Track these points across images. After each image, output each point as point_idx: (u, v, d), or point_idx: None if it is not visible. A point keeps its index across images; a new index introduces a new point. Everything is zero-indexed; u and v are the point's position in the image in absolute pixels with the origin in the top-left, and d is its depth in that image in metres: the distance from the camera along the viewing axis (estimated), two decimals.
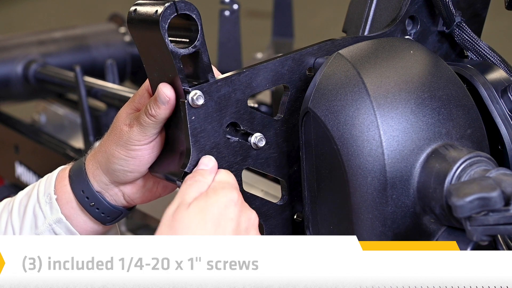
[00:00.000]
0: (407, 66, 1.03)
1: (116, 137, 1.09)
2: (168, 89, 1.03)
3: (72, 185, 1.14)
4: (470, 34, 1.15)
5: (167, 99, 1.03)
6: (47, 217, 1.14)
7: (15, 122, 2.04)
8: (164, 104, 1.03)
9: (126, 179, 1.12)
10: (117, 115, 1.12)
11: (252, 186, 1.33)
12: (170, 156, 1.07)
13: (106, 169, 1.12)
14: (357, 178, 0.98)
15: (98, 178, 1.13)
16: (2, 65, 1.97)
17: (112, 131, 1.11)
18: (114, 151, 1.09)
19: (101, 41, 2.11)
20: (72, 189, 1.14)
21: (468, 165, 0.96)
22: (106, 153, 1.11)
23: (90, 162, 1.13)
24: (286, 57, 1.07)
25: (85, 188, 1.13)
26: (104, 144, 1.12)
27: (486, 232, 0.87)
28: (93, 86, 1.73)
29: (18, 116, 2.10)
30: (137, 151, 1.08)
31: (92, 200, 1.13)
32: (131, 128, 1.08)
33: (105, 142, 1.12)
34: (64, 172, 1.16)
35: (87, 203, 1.13)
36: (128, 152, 1.09)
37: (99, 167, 1.12)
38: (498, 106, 1.09)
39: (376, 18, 1.15)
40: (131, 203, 1.16)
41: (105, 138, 1.12)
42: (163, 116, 1.05)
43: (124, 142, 1.08)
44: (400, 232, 0.99)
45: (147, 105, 1.06)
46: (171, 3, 0.97)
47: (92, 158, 1.13)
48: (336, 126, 1.00)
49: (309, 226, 1.07)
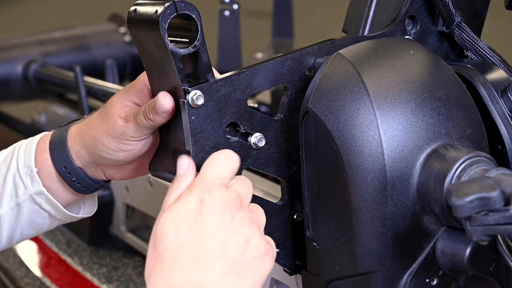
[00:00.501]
0: (407, 66, 1.03)
1: (109, 127, 1.09)
2: (167, 99, 1.02)
3: (54, 160, 1.14)
4: (470, 34, 1.15)
5: (164, 110, 1.03)
6: (28, 188, 1.15)
7: (15, 122, 2.04)
8: (162, 114, 1.03)
9: (112, 164, 1.13)
10: (110, 102, 1.11)
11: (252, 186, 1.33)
12: (169, 155, 1.07)
13: (92, 153, 1.12)
14: (357, 178, 0.98)
15: (81, 157, 1.13)
16: (2, 65, 1.97)
17: (104, 118, 1.10)
18: (105, 140, 1.10)
19: (101, 41, 2.11)
20: (53, 163, 1.15)
21: (468, 165, 0.96)
22: (95, 139, 1.11)
23: (75, 141, 1.14)
24: (286, 57, 1.07)
25: (67, 164, 1.14)
26: (94, 129, 1.11)
27: (486, 232, 0.87)
28: (93, 86, 1.73)
29: (18, 116, 2.10)
30: (129, 145, 1.09)
31: (73, 175, 1.14)
32: (127, 124, 1.08)
33: (95, 127, 1.11)
34: (44, 144, 1.16)
35: (69, 178, 1.15)
36: (120, 145, 1.09)
37: (85, 148, 1.13)
38: (498, 106, 1.09)
39: (376, 18, 1.15)
40: (111, 178, 1.17)
41: (94, 122, 1.12)
42: (161, 122, 1.05)
43: (118, 135, 1.09)
44: (400, 232, 0.99)
45: (146, 108, 1.06)
46: (171, 3, 0.97)
47: (78, 137, 1.13)
48: (336, 126, 1.00)
49: (309, 226, 1.07)
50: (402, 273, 1.01)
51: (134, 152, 1.10)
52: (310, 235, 1.07)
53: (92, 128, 1.12)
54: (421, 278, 1.01)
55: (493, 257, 1.00)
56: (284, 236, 1.11)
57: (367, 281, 1.01)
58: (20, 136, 1.91)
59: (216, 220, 0.91)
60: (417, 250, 1.00)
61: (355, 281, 1.02)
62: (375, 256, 0.99)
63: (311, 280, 1.09)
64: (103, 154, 1.11)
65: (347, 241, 1.01)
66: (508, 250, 0.92)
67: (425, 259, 1.01)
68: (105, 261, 1.66)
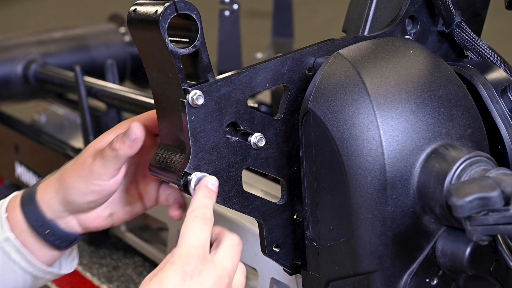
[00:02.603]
0: (407, 66, 1.03)
1: (78, 168, 1.08)
2: (139, 128, 1.03)
3: (25, 214, 1.11)
4: (470, 34, 1.15)
5: (134, 137, 1.03)
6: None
7: (15, 122, 2.03)
8: (130, 141, 1.03)
9: (82, 209, 1.11)
10: (88, 146, 1.11)
11: (252, 186, 1.33)
12: (169, 155, 1.07)
13: (62, 198, 1.10)
14: (357, 178, 0.98)
15: (52, 206, 1.11)
16: (2, 65, 1.96)
17: (75, 162, 1.10)
18: (74, 182, 1.08)
19: (101, 41, 2.10)
20: (25, 217, 1.11)
21: (468, 165, 0.96)
22: (65, 182, 1.09)
23: (46, 191, 1.12)
24: (286, 57, 1.07)
25: (38, 216, 1.11)
26: (65, 173, 1.10)
27: (486, 232, 0.87)
28: (93, 86, 1.73)
29: (18, 116, 2.10)
30: (97, 185, 1.08)
31: (46, 227, 1.11)
32: (94, 161, 1.07)
33: (66, 171, 1.10)
34: (15, 200, 1.14)
35: (42, 230, 1.11)
36: (88, 185, 1.08)
37: (55, 195, 1.11)
38: (498, 106, 1.09)
39: (376, 18, 1.15)
40: (85, 230, 1.14)
41: (66, 167, 1.11)
42: (125, 153, 1.05)
43: (85, 174, 1.07)
44: (400, 232, 0.99)
45: (114, 138, 1.05)
46: (171, 3, 0.97)
47: (48, 187, 1.12)
48: (336, 126, 1.00)
49: (309, 226, 1.07)
50: (402, 273, 1.01)
51: (103, 193, 1.09)
52: (310, 235, 1.07)
53: (63, 173, 1.10)
54: (421, 278, 1.01)
55: (493, 257, 1.00)
56: (284, 236, 1.11)
57: (367, 281, 1.01)
58: (20, 136, 1.91)
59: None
60: (417, 250, 1.00)
61: (355, 281, 1.02)
62: (375, 256, 1.00)
63: (311, 280, 1.09)
64: (72, 198, 1.09)
65: (347, 241, 1.01)
66: (508, 250, 0.92)
67: (425, 259, 1.01)
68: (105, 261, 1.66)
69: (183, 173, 1.02)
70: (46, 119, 2.10)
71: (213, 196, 1.00)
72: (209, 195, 1.00)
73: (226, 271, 0.95)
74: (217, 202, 1.05)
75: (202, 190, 1.00)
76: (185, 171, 1.02)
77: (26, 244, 1.12)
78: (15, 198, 1.14)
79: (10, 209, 1.13)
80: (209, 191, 1.00)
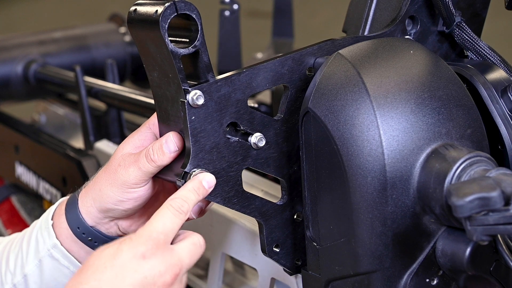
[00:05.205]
0: (407, 66, 1.03)
1: (111, 177, 1.09)
2: (178, 138, 1.03)
3: (68, 222, 1.13)
4: (470, 34, 1.15)
5: (175, 149, 1.03)
6: (46, 241, 1.14)
7: (15, 122, 2.03)
8: (171, 153, 1.04)
9: (121, 216, 1.12)
10: (116, 151, 1.11)
11: (252, 186, 1.33)
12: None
13: (100, 207, 1.11)
14: (357, 178, 0.98)
15: (92, 214, 1.12)
16: (2, 65, 1.97)
17: (106, 170, 1.10)
18: (109, 191, 1.09)
19: (101, 41, 2.10)
20: (69, 225, 1.13)
21: (468, 165, 0.96)
22: (100, 192, 1.10)
23: (84, 199, 1.13)
24: (286, 57, 1.07)
25: (80, 225, 1.13)
26: (99, 182, 1.11)
27: (486, 232, 0.87)
28: (93, 86, 1.73)
29: (18, 116, 2.10)
30: (133, 193, 1.09)
31: (88, 235, 1.13)
32: (127, 170, 1.07)
33: (100, 180, 1.11)
34: (61, 208, 1.15)
35: (84, 238, 1.13)
36: (123, 194, 1.09)
37: (93, 203, 1.12)
38: (498, 106, 1.09)
39: (376, 18, 1.15)
40: (126, 232, 1.15)
41: (99, 175, 1.12)
42: (165, 163, 1.05)
43: (120, 184, 1.08)
44: (400, 232, 0.99)
45: (150, 149, 1.05)
46: (171, 3, 0.97)
47: (86, 195, 1.13)
48: (336, 126, 1.00)
49: (309, 226, 1.07)
50: (402, 273, 1.01)
51: (139, 199, 1.09)
52: (310, 235, 1.07)
53: (97, 182, 1.11)
54: (421, 278, 1.01)
55: (493, 257, 1.00)
56: (284, 236, 1.11)
57: (367, 281, 1.01)
58: (20, 136, 1.91)
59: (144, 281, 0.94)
60: (417, 250, 1.00)
61: (355, 281, 1.02)
62: (375, 256, 1.00)
63: (311, 280, 1.09)
64: (110, 206, 1.10)
65: (347, 241, 1.01)
66: (508, 250, 0.92)
67: (425, 259, 1.01)
68: None
69: (183, 173, 1.02)
70: (46, 119, 2.10)
71: (201, 192, 1.01)
72: (197, 190, 1.01)
73: (181, 263, 0.97)
74: (217, 202, 1.05)
75: (192, 183, 1.01)
76: (185, 172, 1.02)
77: (72, 249, 1.14)
78: (62, 204, 1.16)
79: (56, 217, 1.15)
80: (198, 187, 1.01)
